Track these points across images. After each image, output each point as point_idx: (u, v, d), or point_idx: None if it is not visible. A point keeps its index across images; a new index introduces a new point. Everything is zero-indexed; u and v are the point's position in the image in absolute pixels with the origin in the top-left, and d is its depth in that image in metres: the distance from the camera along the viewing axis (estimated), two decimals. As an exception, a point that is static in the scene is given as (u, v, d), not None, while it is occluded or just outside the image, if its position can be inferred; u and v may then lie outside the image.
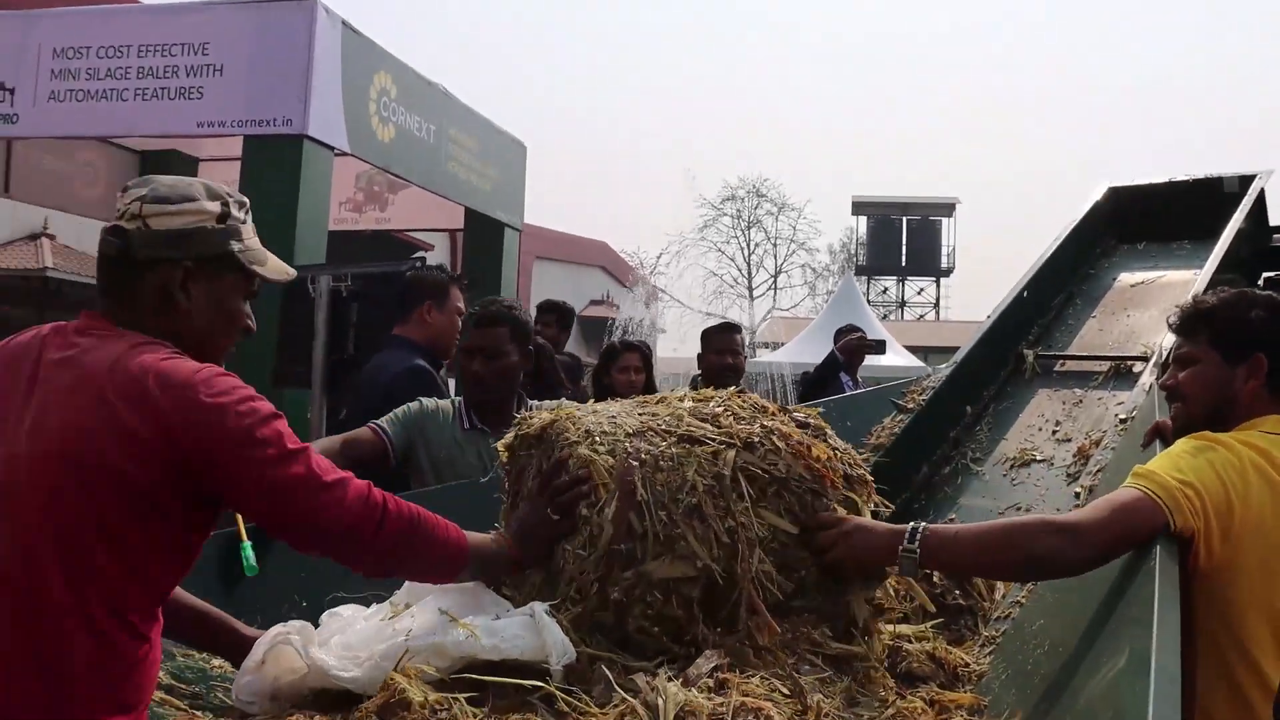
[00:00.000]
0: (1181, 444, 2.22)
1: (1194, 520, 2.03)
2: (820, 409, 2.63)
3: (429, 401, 3.48)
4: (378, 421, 3.36)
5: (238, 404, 1.76)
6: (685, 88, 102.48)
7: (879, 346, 7.07)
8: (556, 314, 6.80)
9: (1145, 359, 3.88)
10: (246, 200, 2.00)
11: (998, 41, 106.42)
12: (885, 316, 39.98)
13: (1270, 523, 2.08)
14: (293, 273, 2.09)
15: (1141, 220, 5.12)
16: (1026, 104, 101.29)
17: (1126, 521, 2.01)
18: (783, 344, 21.93)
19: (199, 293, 1.89)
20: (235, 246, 1.93)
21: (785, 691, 1.82)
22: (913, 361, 19.35)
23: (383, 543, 1.87)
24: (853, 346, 6.76)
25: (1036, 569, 2.20)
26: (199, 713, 2.06)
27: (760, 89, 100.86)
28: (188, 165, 9.52)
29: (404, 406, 3.45)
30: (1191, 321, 2.43)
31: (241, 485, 1.78)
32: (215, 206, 1.91)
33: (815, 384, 6.59)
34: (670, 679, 1.78)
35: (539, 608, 2.02)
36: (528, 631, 1.98)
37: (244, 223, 1.96)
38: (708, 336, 5.65)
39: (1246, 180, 4.98)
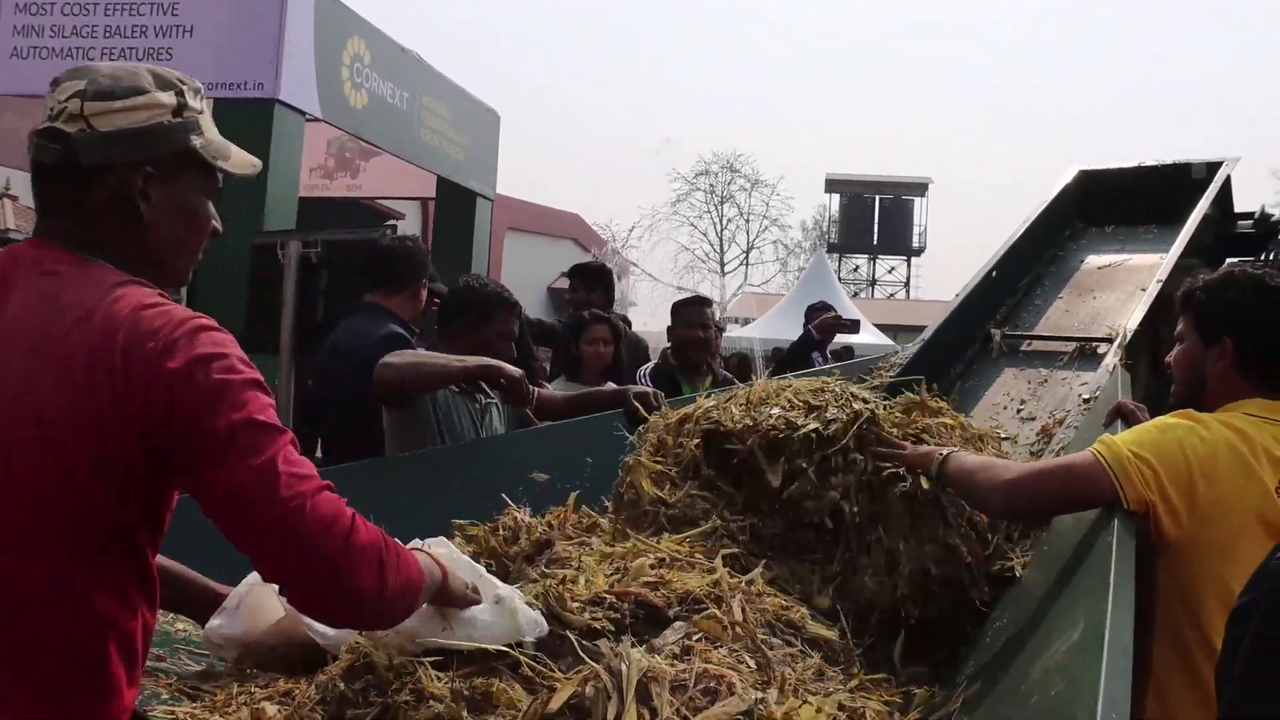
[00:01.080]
0: (1158, 420, 2.26)
1: (1146, 492, 2.07)
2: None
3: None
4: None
5: (218, 369, 1.53)
6: (661, 61, 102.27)
7: (854, 325, 7.17)
8: (580, 277, 6.72)
9: (1110, 340, 3.93)
10: (201, 86, 1.75)
11: (975, 23, 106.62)
12: (856, 294, 40.11)
13: (1237, 503, 2.09)
14: (259, 164, 1.85)
15: (1110, 204, 5.17)
16: (1002, 86, 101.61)
17: (1066, 480, 2.17)
18: (754, 319, 21.97)
19: (160, 198, 1.66)
20: (196, 141, 1.69)
21: (752, 665, 1.85)
22: (882, 339, 19.45)
23: (350, 561, 1.57)
24: (829, 324, 6.80)
25: (979, 504, 2.49)
26: (161, 674, 2.06)
27: (737, 65, 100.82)
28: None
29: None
30: (1184, 299, 2.44)
31: (204, 466, 1.53)
32: (169, 98, 1.67)
33: (789, 359, 6.64)
34: (634, 646, 1.80)
35: (504, 591, 2.00)
36: (498, 618, 1.97)
37: (202, 112, 1.72)
38: (677, 310, 5.67)
39: (1213, 167, 5.04)
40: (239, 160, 1.77)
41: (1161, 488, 2.08)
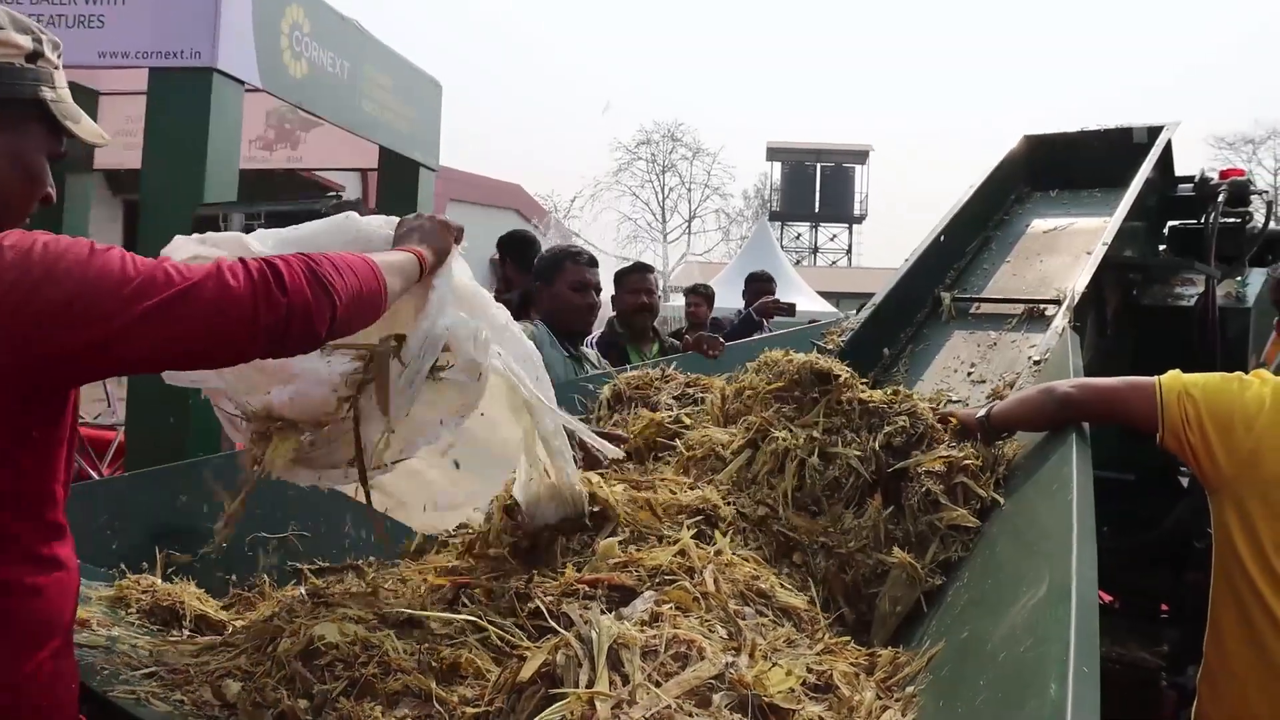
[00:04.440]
0: (1235, 373, 2.34)
1: (1184, 430, 2.22)
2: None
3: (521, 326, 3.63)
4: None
5: (62, 252, 1.46)
6: (601, 30, 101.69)
7: (790, 309, 7.58)
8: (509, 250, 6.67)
9: (1058, 302, 3.97)
10: (61, 43, 1.70)
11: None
12: (798, 262, 40.35)
13: (1271, 451, 2.17)
14: (108, 138, 1.80)
15: (1054, 168, 5.22)
16: (943, 55, 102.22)
17: (1124, 393, 2.36)
18: (697, 288, 21.98)
19: None
20: (47, 94, 1.65)
21: (723, 633, 1.85)
22: (825, 307, 19.58)
23: (291, 303, 1.55)
24: (769, 308, 7.37)
25: (1036, 424, 2.58)
26: (119, 654, 2.01)
27: (677, 33, 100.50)
28: (87, 98, 9.14)
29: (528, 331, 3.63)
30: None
31: (107, 337, 1.45)
32: (26, 41, 1.62)
33: (733, 339, 6.82)
34: (604, 613, 1.80)
35: None
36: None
37: (57, 68, 1.68)
38: (621, 277, 5.66)
39: (1155, 131, 5.10)
40: (88, 128, 1.72)
41: (1202, 428, 2.21)
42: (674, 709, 1.50)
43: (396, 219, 2.12)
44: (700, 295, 8.39)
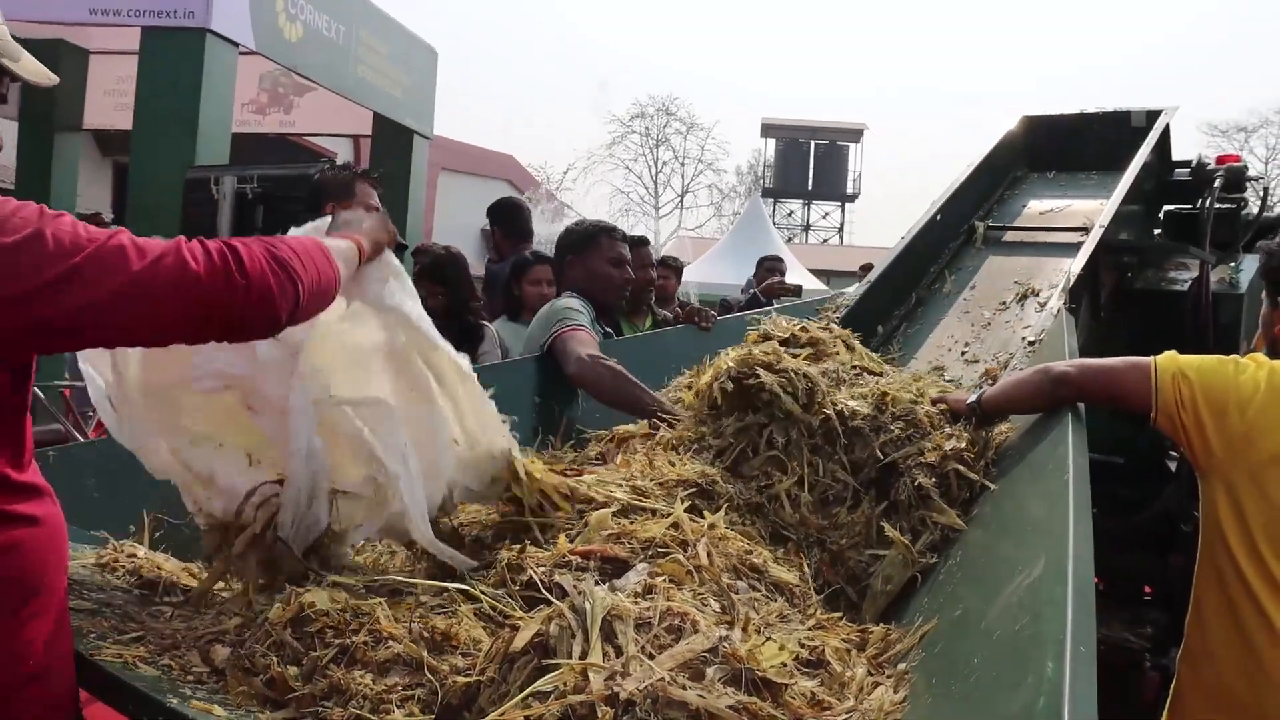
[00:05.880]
0: (1231, 356, 2.35)
1: (1178, 411, 2.21)
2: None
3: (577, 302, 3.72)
4: (585, 324, 3.57)
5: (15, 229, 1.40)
6: (598, 2, 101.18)
7: (796, 290, 7.71)
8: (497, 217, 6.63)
9: (1086, 230, 4.02)
10: None
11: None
12: (790, 239, 40.30)
13: (1262, 437, 2.18)
14: (54, 79, 1.69)
15: (1052, 150, 5.21)
16: (939, 38, 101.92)
17: (1121, 373, 2.35)
18: (688, 263, 21.96)
19: None
20: None
21: (716, 607, 1.85)
22: (816, 284, 19.56)
23: (251, 285, 1.51)
24: (774, 289, 7.60)
25: (1030, 406, 2.57)
26: (103, 616, 2.00)
27: (674, 6, 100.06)
28: (77, 57, 9.06)
29: (577, 307, 3.67)
30: (1264, 269, 2.61)
31: (63, 304, 1.40)
32: None
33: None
34: (597, 584, 1.79)
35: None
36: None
37: None
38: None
39: (1153, 115, 5.09)
40: (30, 66, 1.62)
41: (1196, 410, 2.20)
42: (667, 681, 1.49)
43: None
44: (669, 268, 8.38)
